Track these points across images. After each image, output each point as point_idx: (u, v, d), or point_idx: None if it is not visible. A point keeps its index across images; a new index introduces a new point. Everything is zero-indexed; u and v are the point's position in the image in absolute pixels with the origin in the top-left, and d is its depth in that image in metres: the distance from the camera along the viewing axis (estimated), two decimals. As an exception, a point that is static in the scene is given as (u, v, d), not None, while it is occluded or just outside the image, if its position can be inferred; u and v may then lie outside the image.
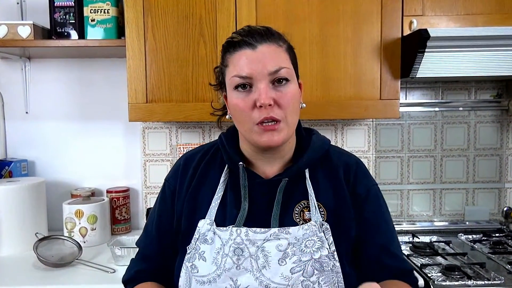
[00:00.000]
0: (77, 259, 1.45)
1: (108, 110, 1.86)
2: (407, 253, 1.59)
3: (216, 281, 0.76)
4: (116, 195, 1.80)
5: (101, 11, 1.57)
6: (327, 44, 1.53)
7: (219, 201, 0.83)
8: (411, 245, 1.68)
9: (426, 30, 1.41)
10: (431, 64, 1.48)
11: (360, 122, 1.88)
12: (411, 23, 1.51)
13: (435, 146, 1.91)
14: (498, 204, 1.93)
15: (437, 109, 1.89)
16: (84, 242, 1.62)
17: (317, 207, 0.81)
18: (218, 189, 0.84)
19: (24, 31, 1.54)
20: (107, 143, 1.87)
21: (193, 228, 0.82)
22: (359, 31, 1.53)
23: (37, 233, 1.51)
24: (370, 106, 1.55)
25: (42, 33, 1.62)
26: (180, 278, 0.81)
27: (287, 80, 0.78)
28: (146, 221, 0.99)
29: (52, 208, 1.78)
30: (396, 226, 1.86)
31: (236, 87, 0.78)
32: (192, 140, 1.85)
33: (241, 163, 0.83)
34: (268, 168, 0.85)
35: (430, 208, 1.93)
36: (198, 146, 0.96)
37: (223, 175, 0.85)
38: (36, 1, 1.77)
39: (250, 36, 0.78)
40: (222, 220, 0.81)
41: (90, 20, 1.58)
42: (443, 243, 1.70)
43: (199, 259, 0.79)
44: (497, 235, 1.80)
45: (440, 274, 1.39)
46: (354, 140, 1.89)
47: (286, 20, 1.51)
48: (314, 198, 0.82)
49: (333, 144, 0.92)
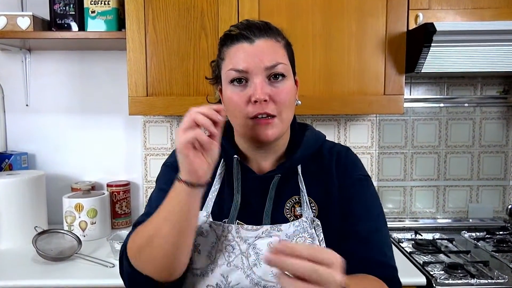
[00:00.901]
0: (76, 253, 1.44)
1: (108, 103, 1.84)
2: (410, 250, 1.57)
3: (208, 275, 0.76)
4: (116, 189, 1.79)
5: (101, 3, 1.55)
6: (331, 38, 1.50)
7: (216, 193, 0.83)
8: (413, 242, 1.66)
9: (432, 24, 1.38)
10: (436, 59, 1.45)
11: (363, 118, 1.85)
12: (417, 17, 1.48)
13: (439, 142, 1.88)
14: (502, 201, 1.91)
15: (442, 105, 1.87)
16: (84, 236, 1.61)
17: (308, 203, 0.81)
18: (215, 181, 0.84)
19: (24, 23, 1.52)
20: (108, 136, 1.86)
21: None
22: (363, 24, 1.50)
23: (36, 226, 1.50)
24: (374, 101, 1.52)
25: (42, 24, 1.60)
26: None
27: (283, 76, 0.77)
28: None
29: (52, 202, 1.77)
30: (399, 223, 1.87)
31: (232, 81, 0.77)
32: (193, 135, 1.82)
33: (235, 156, 0.83)
34: (262, 163, 0.85)
35: (433, 205, 1.90)
36: None
37: (219, 168, 0.85)
38: (36, -8, 1.75)
39: (248, 30, 0.77)
40: (218, 213, 0.82)
41: (90, 12, 1.55)
42: (446, 241, 1.68)
43: (195, 251, 0.78)
44: (501, 233, 1.77)
45: (442, 272, 1.38)
46: (357, 136, 1.86)
47: (289, 13, 1.49)
48: (306, 194, 0.82)
49: (328, 140, 0.91)
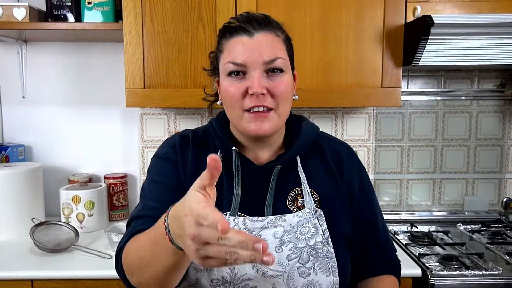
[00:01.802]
0: (73, 244, 1.44)
1: (106, 95, 1.84)
2: (405, 242, 1.58)
3: (213, 269, 0.75)
4: (113, 181, 1.79)
5: (98, -6, 1.54)
6: (329, 30, 1.50)
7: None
8: (409, 234, 1.67)
9: (430, 17, 1.38)
10: (434, 52, 1.45)
11: (360, 111, 1.86)
12: (414, 9, 1.48)
13: (436, 135, 1.89)
14: (498, 194, 1.92)
15: (439, 98, 1.87)
16: (81, 228, 1.61)
17: (310, 194, 0.82)
18: None
19: (20, 13, 1.51)
20: (105, 128, 1.85)
21: None
22: (361, 16, 1.50)
23: (33, 218, 1.50)
24: (371, 94, 1.52)
25: (38, 15, 1.59)
26: None
27: (281, 70, 0.77)
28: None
29: (49, 194, 1.77)
30: (395, 216, 1.88)
31: (230, 74, 0.77)
32: (190, 127, 1.79)
33: (234, 148, 0.82)
34: (260, 154, 0.85)
35: (429, 198, 1.92)
36: (187, 129, 0.93)
37: None
38: (32, -18, 1.73)
39: (248, 22, 0.76)
40: (218, 206, 0.79)
41: (87, 3, 1.54)
42: (441, 233, 1.70)
43: None
44: (496, 225, 1.79)
45: (438, 264, 1.39)
46: (354, 129, 1.87)
47: (287, 5, 1.48)
48: (307, 185, 0.82)
49: (322, 131, 0.92)
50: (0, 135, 1.83)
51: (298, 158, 0.84)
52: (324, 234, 0.78)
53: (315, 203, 0.81)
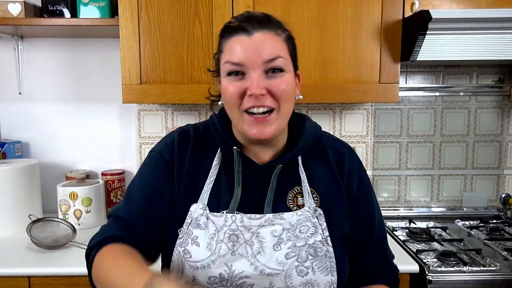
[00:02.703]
0: (71, 241, 1.44)
1: (102, 91, 1.83)
2: (403, 238, 1.58)
3: (210, 266, 0.75)
4: (111, 177, 1.79)
5: (93, -11, 1.53)
6: (326, 24, 1.49)
7: (211, 185, 0.81)
8: (407, 230, 1.67)
9: (428, 12, 1.37)
10: (432, 47, 1.44)
11: (358, 107, 1.85)
12: (412, 4, 1.47)
13: (434, 131, 1.88)
14: (496, 190, 1.92)
15: (437, 94, 1.86)
16: (79, 225, 1.61)
17: (310, 193, 0.81)
18: (211, 172, 0.81)
19: (15, 9, 1.49)
20: (102, 125, 1.84)
21: (187, 211, 0.79)
22: (359, 11, 1.48)
23: (30, 215, 1.50)
24: (369, 89, 1.51)
25: (33, 11, 1.58)
26: (171, 263, 0.79)
27: (282, 70, 0.75)
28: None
29: (46, 190, 1.77)
30: (393, 212, 1.88)
31: (229, 74, 0.75)
32: (188, 122, 1.81)
33: (235, 147, 0.80)
34: (262, 153, 0.83)
35: (427, 194, 1.91)
36: (188, 124, 0.90)
37: (216, 158, 0.83)
38: (28, -22, 1.72)
39: (247, 22, 0.74)
40: (215, 206, 0.80)
41: (82, -2, 1.53)
42: (439, 229, 1.70)
43: (192, 244, 0.77)
44: (494, 221, 1.79)
45: (435, 260, 1.39)
46: (352, 125, 1.86)
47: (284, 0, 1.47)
48: (307, 184, 0.81)
49: (324, 131, 0.90)
50: (-3, 131, 1.83)
51: (300, 157, 0.83)
52: (323, 233, 0.78)
53: (315, 202, 0.80)
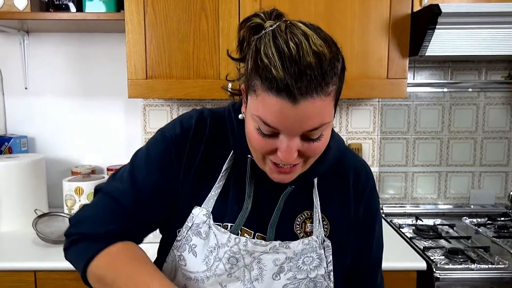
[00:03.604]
0: (76, 236, 1.44)
1: (108, 86, 1.82)
2: (410, 235, 1.57)
3: (204, 282, 0.70)
4: (116, 173, 1.78)
5: (99, -17, 1.52)
6: (334, 20, 1.47)
7: (219, 190, 0.73)
8: (414, 227, 1.65)
9: (437, 6, 1.35)
10: (441, 42, 1.42)
11: (365, 102, 1.83)
12: (422, -2, 1.45)
13: (442, 128, 1.86)
14: (504, 188, 1.90)
15: (445, 90, 1.84)
16: (84, 220, 1.61)
17: (321, 221, 0.74)
18: (220, 176, 0.73)
19: (21, 3, 1.49)
20: (108, 120, 1.84)
21: (190, 211, 0.72)
22: (367, 6, 1.47)
23: (36, 209, 1.50)
24: (376, 85, 1.50)
25: (39, 5, 1.57)
26: (165, 263, 0.75)
27: (322, 134, 0.64)
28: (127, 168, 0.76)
29: (52, 185, 1.77)
30: (400, 209, 1.86)
31: (259, 129, 0.63)
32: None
33: (249, 156, 0.71)
34: None
35: (435, 191, 1.89)
36: (206, 109, 0.78)
37: (226, 162, 0.73)
38: (34, -28, 1.71)
39: (297, 82, 0.57)
40: (221, 215, 0.72)
41: (88, -8, 1.52)
42: (447, 226, 1.68)
43: (189, 252, 0.71)
44: (502, 219, 1.77)
45: (443, 258, 1.37)
46: (359, 121, 1.84)
47: (291, -6, 1.45)
48: (319, 210, 0.74)
49: (346, 146, 0.81)
50: (3, 126, 1.83)
51: (316, 179, 0.75)
52: (327, 267, 0.72)
53: (324, 231, 0.74)
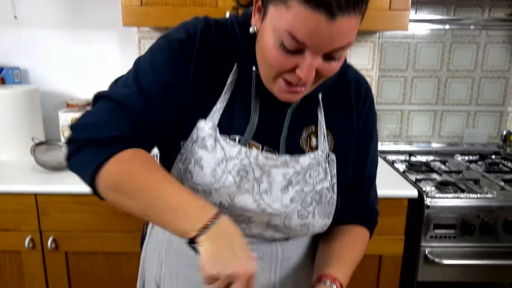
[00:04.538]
0: (75, 164, 1.45)
1: (102, 16, 1.76)
2: (402, 169, 1.60)
3: (211, 194, 0.70)
4: (112, 106, 1.77)
5: None
6: None
7: (224, 103, 0.71)
8: (407, 163, 1.69)
9: None
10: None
11: (365, 39, 1.80)
12: None
13: (441, 66, 1.85)
14: (498, 127, 1.92)
15: (447, 27, 1.80)
16: (82, 151, 1.62)
17: (325, 135, 0.74)
18: (225, 89, 0.71)
19: None
20: (102, 52, 1.80)
21: (194, 123, 0.70)
22: None
23: (33, 137, 1.50)
24: (378, 16, 1.46)
25: None
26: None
27: (341, 54, 0.62)
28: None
29: (47, 118, 1.76)
30: (394, 147, 1.89)
31: (283, 44, 0.59)
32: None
33: (254, 70, 0.69)
34: None
35: (429, 130, 1.91)
36: (209, 18, 0.73)
37: (231, 74, 0.71)
38: None
39: None
40: (227, 128, 0.71)
41: None
42: (439, 163, 1.72)
43: (195, 164, 0.70)
44: (493, 157, 1.81)
45: (434, 189, 1.41)
46: (358, 58, 1.82)
47: None
48: (324, 125, 0.74)
49: (347, 62, 0.79)
50: (-6, 57, 1.78)
51: (320, 94, 0.75)
52: (331, 180, 0.74)
53: (328, 146, 0.75)
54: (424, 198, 1.34)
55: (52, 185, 1.32)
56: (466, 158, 1.78)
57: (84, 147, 0.65)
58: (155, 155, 1.25)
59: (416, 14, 1.78)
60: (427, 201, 1.33)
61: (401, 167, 1.66)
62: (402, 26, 1.48)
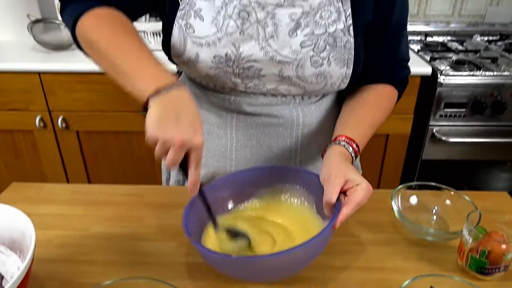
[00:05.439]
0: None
1: None
2: (417, 50, 1.53)
3: (216, 44, 0.67)
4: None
5: None
6: None
7: None
8: (422, 44, 1.61)
9: None
10: None
11: None
12: None
13: None
14: (524, 5, 1.78)
15: None
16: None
17: None
18: None
19: None
20: None
21: None
22: None
23: (29, 14, 1.42)
24: None
25: None
26: (172, 38, 0.71)
27: None
28: None
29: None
30: (410, 27, 1.78)
31: None
32: None
33: None
34: None
35: (449, 8, 1.78)
36: None
37: None
38: None
39: None
40: None
41: None
42: (456, 43, 1.63)
43: (195, 17, 0.67)
44: (515, 37, 1.71)
45: (449, 68, 1.36)
46: None
47: None
48: None
49: None
50: None
51: None
52: (346, 21, 0.67)
53: None
54: (438, 75, 1.30)
55: (55, 63, 1.29)
56: (485, 38, 1.69)
57: (70, 2, 0.68)
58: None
59: None
60: (441, 78, 1.29)
61: (415, 47, 1.58)
62: None
